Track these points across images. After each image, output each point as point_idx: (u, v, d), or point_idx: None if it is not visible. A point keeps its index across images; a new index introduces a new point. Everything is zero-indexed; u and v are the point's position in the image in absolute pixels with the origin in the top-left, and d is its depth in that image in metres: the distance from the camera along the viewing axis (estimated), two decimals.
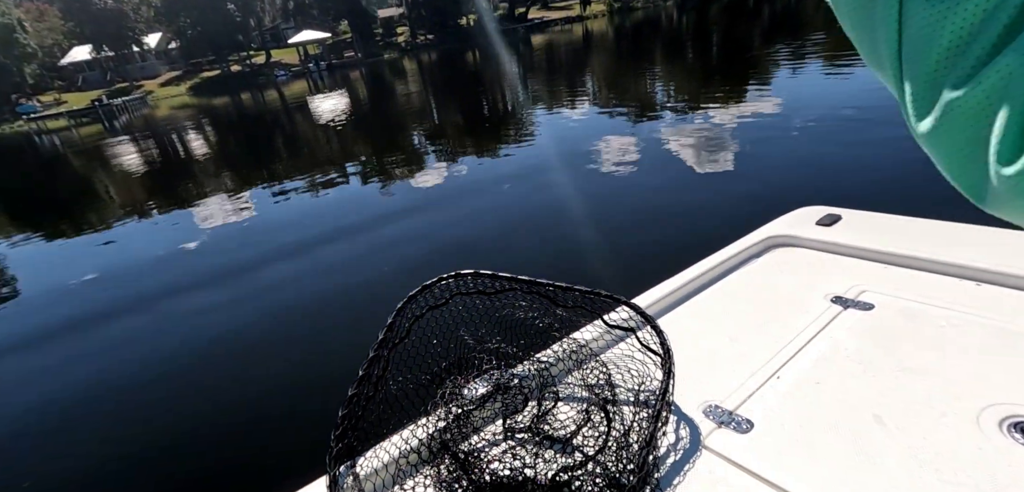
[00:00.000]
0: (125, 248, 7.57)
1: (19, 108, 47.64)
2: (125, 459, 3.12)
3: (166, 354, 4.31)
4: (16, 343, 5.17)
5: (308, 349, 4.00)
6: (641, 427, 1.07)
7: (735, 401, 1.13)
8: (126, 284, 6.12)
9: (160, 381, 3.92)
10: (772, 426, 1.05)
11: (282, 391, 3.52)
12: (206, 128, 22.94)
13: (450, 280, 1.20)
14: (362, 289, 4.87)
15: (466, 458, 1.15)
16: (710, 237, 2.01)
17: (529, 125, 11.60)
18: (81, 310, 5.59)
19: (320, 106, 22.95)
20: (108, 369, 4.29)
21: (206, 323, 4.76)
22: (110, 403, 3.80)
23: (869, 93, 8.04)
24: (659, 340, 1.14)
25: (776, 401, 1.11)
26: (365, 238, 6.24)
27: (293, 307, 4.76)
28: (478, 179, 7.95)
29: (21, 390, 4.26)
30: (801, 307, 1.39)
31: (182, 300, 5.36)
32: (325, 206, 7.92)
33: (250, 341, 4.31)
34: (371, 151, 11.89)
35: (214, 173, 12.32)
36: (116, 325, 5.10)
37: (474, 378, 1.26)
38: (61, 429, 3.59)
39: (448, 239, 5.78)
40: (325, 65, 52.14)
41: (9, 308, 6.16)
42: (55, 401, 3.95)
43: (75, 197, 12.80)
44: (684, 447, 1.05)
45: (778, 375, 1.17)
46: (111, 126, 31.38)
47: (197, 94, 47.03)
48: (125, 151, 19.28)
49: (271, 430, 3.14)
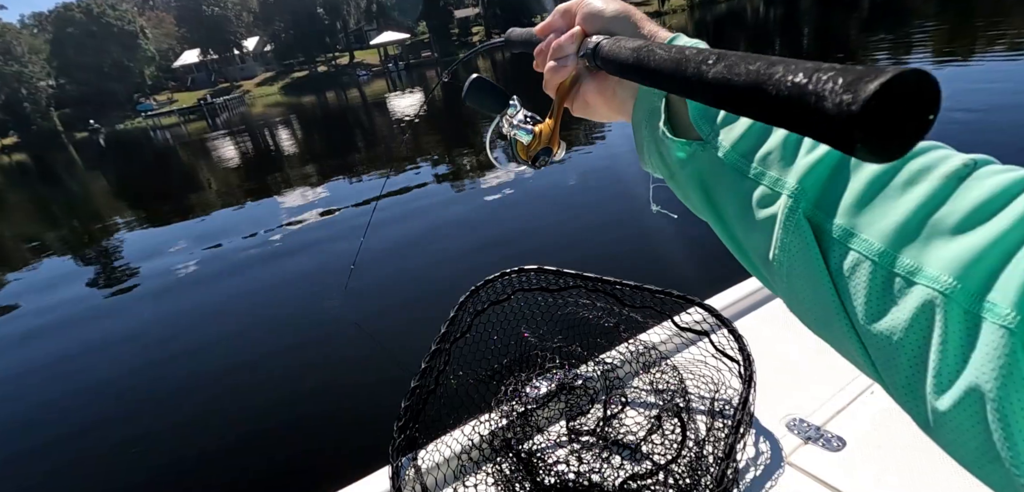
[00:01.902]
0: (218, 234, 8.25)
1: (139, 107, 53.36)
2: (201, 447, 3.33)
3: (242, 342, 4.56)
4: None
5: (377, 338, 4.14)
6: (717, 438, 1.00)
7: (823, 416, 1.03)
8: (222, 264, 6.66)
9: (236, 369, 4.14)
10: (868, 446, 0.95)
11: (349, 381, 3.64)
12: (294, 124, 24.53)
13: (513, 275, 1.17)
14: (426, 279, 4.97)
15: (529, 458, 1.12)
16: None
17: (598, 123, 11.40)
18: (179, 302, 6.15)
19: (396, 103, 23.86)
20: (196, 356, 4.67)
21: (276, 313, 5.03)
22: (196, 387, 4.11)
23: (982, 90, 7.17)
24: (737, 345, 1.05)
25: (871, 418, 1.01)
26: (431, 230, 6.38)
27: (363, 296, 4.95)
28: (546, 174, 7.91)
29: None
30: None
31: (253, 290, 5.72)
32: (395, 200, 8.21)
33: (321, 327, 4.51)
34: (440, 146, 12.18)
35: (297, 166, 13.12)
36: (206, 308, 5.56)
37: (536, 377, 1.23)
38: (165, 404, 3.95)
39: (514, 233, 5.79)
40: (403, 64, 54.17)
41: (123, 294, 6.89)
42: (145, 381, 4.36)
43: (181, 186, 14.12)
44: (765, 463, 0.97)
45: (872, 390, 1.07)
46: (213, 122, 34.38)
47: (288, 93, 50.44)
48: (223, 145, 21.04)
49: (336, 420, 3.25)
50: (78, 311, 6.21)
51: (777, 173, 0.34)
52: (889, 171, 0.31)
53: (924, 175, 0.30)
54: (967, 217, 0.28)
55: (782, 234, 0.33)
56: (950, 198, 0.29)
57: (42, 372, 4.75)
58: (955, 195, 0.29)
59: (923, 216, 0.29)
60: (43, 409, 4.13)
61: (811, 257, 0.32)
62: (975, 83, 7.72)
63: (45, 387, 4.48)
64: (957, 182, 0.29)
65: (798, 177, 0.33)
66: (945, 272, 0.27)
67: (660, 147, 0.44)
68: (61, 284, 7.41)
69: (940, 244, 0.28)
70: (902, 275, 0.28)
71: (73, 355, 4.96)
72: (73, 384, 4.44)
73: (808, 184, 0.33)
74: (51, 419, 3.96)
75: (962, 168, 0.30)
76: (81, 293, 6.83)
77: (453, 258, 5.44)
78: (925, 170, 0.30)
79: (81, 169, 24.61)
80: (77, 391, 4.31)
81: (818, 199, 0.32)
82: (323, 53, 61.08)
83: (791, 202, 0.33)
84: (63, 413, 4.00)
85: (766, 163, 0.35)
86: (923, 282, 0.27)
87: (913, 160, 0.31)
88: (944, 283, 0.27)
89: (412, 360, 1.12)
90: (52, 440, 3.65)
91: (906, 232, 0.29)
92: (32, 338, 5.63)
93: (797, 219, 0.32)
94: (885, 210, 0.30)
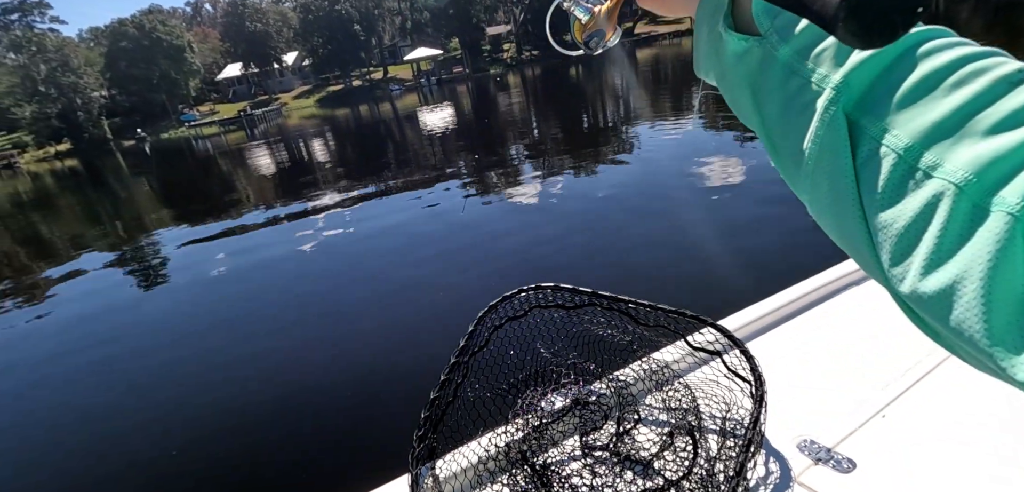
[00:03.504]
0: (247, 237, 8.52)
1: (183, 117, 55.64)
2: (221, 450, 3.43)
3: (266, 347, 4.69)
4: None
5: (397, 349, 4.21)
6: (728, 457, 1.01)
7: (834, 437, 1.04)
8: (249, 267, 6.89)
9: (259, 374, 4.27)
10: (879, 468, 0.95)
11: (367, 395, 3.70)
12: (327, 136, 25.22)
13: (530, 292, 1.21)
14: (448, 294, 5.05)
15: (543, 471, 1.15)
16: (807, 261, 1.86)
17: (623, 140, 11.40)
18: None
19: (427, 118, 24.29)
20: (223, 353, 4.83)
21: (299, 319, 5.16)
22: (217, 388, 4.25)
23: None
24: (749, 366, 1.07)
25: (882, 442, 1.01)
26: (452, 247, 6.47)
27: (382, 309, 5.04)
28: (568, 193, 7.95)
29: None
30: (909, 341, 1.25)
31: (281, 297, 5.89)
32: (419, 213, 8.35)
33: (346, 334, 4.63)
34: (467, 162, 12.34)
35: (329, 179, 13.46)
36: (228, 312, 5.75)
37: (552, 391, 1.26)
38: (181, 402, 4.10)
39: (532, 251, 5.84)
40: (435, 80, 55.12)
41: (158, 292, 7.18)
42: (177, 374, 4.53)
43: (218, 193, 14.65)
44: (775, 482, 0.98)
45: (883, 414, 1.07)
46: (252, 133, 35.62)
47: (323, 106, 51.89)
48: (260, 154, 21.77)
49: (357, 427, 3.33)
50: (105, 306, 6.50)
51: (826, 70, 0.35)
52: (939, 72, 0.31)
53: (974, 77, 0.30)
54: (1003, 120, 0.28)
55: (818, 127, 0.34)
56: (995, 102, 0.28)
57: (67, 367, 5.00)
58: (1002, 99, 0.28)
59: (962, 117, 0.29)
60: (55, 408, 4.35)
61: (840, 149, 0.33)
62: None
63: (66, 385, 4.71)
64: (1008, 86, 0.29)
65: (845, 74, 0.34)
66: (964, 168, 0.27)
67: (717, 46, 0.45)
68: (97, 280, 7.78)
69: (968, 143, 0.28)
70: (922, 169, 0.29)
71: (86, 348, 5.20)
72: (88, 377, 4.65)
73: (853, 80, 0.33)
74: (60, 413, 4.16)
75: (1016, 73, 0.29)
76: (113, 289, 7.16)
77: (475, 271, 5.51)
78: (977, 73, 0.30)
79: (127, 175, 25.80)
80: (97, 386, 4.52)
81: (861, 97, 0.33)
82: (358, 68, 62.71)
83: (833, 94, 0.34)
84: (60, 412, 4.21)
85: (818, 61, 0.36)
86: (940, 175, 0.28)
87: (969, 63, 0.30)
88: (960, 177, 0.27)
89: (432, 372, 1.17)
90: (61, 433, 3.83)
91: (939, 131, 0.29)
92: (57, 336, 5.93)
93: (835, 113, 0.33)
94: (925, 109, 0.30)
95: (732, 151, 8.45)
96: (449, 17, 58.93)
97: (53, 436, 3.94)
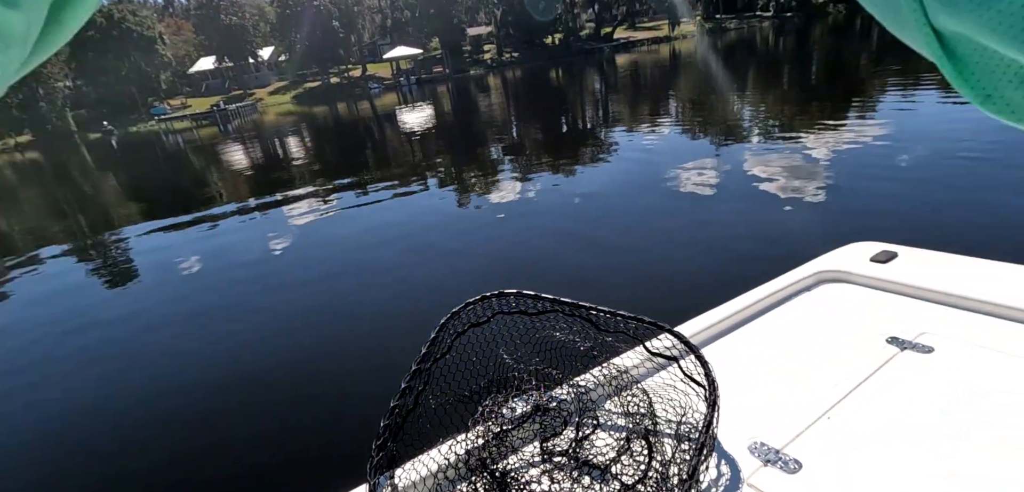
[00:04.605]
0: (214, 237, 8.34)
1: (152, 110, 54.11)
2: (171, 467, 3.28)
3: (218, 358, 4.50)
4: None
5: (355, 358, 4.11)
6: (683, 460, 1.04)
7: (782, 439, 1.08)
8: (209, 268, 6.74)
9: (202, 385, 4.09)
10: (822, 468, 0.99)
11: (326, 399, 3.61)
12: (304, 134, 24.83)
13: (492, 299, 1.21)
14: (411, 299, 5.00)
15: (503, 478, 1.16)
16: (761, 268, 1.93)
17: (596, 146, 11.52)
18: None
19: (406, 118, 24.13)
20: (147, 367, 4.68)
21: (249, 328, 5.01)
22: (168, 399, 4.04)
23: (1002, 129, 7.20)
24: (703, 371, 1.10)
25: (826, 443, 1.05)
26: (420, 249, 6.44)
27: (341, 315, 4.95)
28: (538, 198, 8.00)
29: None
30: (854, 346, 1.32)
31: (230, 303, 5.75)
32: (386, 215, 8.29)
33: (298, 344, 4.49)
34: (443, 163, 12.30)
35: (303, 178, 13.26)
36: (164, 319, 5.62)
37: (513, 398, 1.27)
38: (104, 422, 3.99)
39: (500, 256, 5.86)
40: (415, 79, 54.75)
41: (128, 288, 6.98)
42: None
43: (187, 187, 14.30)
44: (726, 483, 1.01)
45: (828, 416, 1.12)
46: (225, 128, 34.83)
47: (300, 103, 51.06)
48: (232, 151, 21.31)
49: (313, 438, 3.22)
50: (62, 308, 6.28)
51: None
52: None
53: None
54: None
55: None
56: None
57: (14, 375, 4.80)
58: None
59: None
60: (20, 410, 4.18)
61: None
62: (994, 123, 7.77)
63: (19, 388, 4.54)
64: None
65: None
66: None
67: None
68: (55, 278, 7.51)
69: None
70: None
71: (51, 358, 5.01)
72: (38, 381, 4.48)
73: None
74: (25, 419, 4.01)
75: None
76: (71, 288, 6.92)
77: (438, 278, 5.47)
78: None
79: (92, 169, 24.97)
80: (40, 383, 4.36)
81: None
82: (337, 65, 61.93)
83: None
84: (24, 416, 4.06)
85: None
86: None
87: None
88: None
89: (394, 380, 1.17)
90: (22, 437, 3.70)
91: None
92: (17, 333, 5.71)
93: None
94: None
95: (704, 159, 8.61)
96: (430, 17, 58.64)
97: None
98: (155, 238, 9.11)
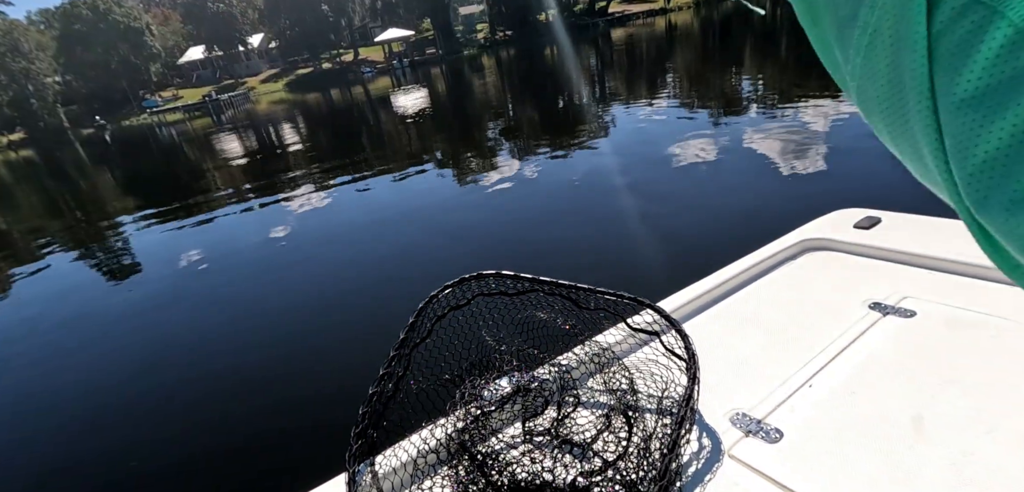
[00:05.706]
0: (208, 232, 8.31)
1: (144, 103, 53.66)
2: (153, 458, 3.22)
3: (193, 341, 4.50)
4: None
5: (333, 344, 4.08)
6: (664, 434, 1.03)
7: (764, 410, 1.07)
8: (200, 263, 6.73)
9: (184, 368, 4.09)
10: (803, 436, 0.99)
11: (304, 387, 3.58)
12: (298, 121, 24.64)
13: (472, 280, 1.20)
14: (391, 283, 4.97)
15: (484, 460, 1.15)
16: (744, 239, 1.92)
17: (585, 124, 11.46)
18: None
19: (400, 101, 23.93)
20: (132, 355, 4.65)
21: (232, 313, 5.01)
22: (148, 393, 4.00)
23: None
24: (684, 345, 1.09)
25: (808, 411, 1.05)
26: (403, 231, 6.41)
27: (322, 299, 4.91)
28: (527, 178, 7.95)
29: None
30: (837, 313, 1.32)
31: (213, 288, 5.75)
32: (375, 199, 8.25)
33: (275, 333, 4.47)
34: (436, 146, 12.23)
35: (298, 166, 13.18)
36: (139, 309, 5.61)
37: (494, 379, 1.26)
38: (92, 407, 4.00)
39: (482, 236, 5.85)
40: (408, 62, 54.23)
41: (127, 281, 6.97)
42: None
43: (184, 181, 14.22)
44: (707, 455, 1.01)
45: (810, 384, 1.11)
46: (218, 119, 34.57)
47: (292, 90, 50.61)
48: (227, 142, 21.16)
49: (291, 426, 3.19)
50: (61, 309, 6.27)
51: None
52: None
53: None
54: None
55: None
56: None
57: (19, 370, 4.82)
58: None
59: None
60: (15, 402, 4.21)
61: (910, 10, 0.23)
62: None
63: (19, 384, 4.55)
64: None
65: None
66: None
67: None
68: (55, 279, 7.50)
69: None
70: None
71: (47, 356, 5.02)
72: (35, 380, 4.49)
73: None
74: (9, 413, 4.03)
75: None
76: (69, 289, 6.91)
77: (418, 261, 5.44)
78: None
79: (87, 165, 24.83)
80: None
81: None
82: (328, 50, 61.25)
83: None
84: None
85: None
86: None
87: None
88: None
89: (374, 366, 1.16)
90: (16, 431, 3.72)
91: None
92: (24, 330, 5.72)
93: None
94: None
95: (685, 132, 8.55)
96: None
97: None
98: (152, 233, 9.08)
